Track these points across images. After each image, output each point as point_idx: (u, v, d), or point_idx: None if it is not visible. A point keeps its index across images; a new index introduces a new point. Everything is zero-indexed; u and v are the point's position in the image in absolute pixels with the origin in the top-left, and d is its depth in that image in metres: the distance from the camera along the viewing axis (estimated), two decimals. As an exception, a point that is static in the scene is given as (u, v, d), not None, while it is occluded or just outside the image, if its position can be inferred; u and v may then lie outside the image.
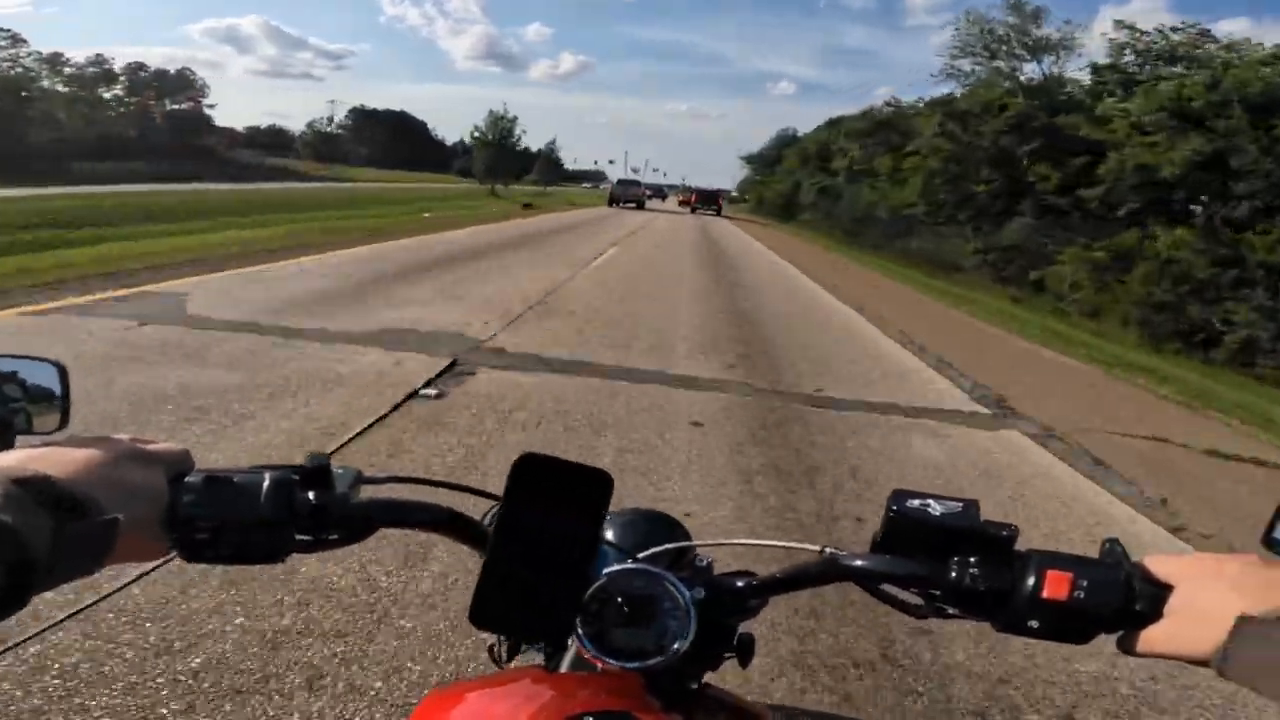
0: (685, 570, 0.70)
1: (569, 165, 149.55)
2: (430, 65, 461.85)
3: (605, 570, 0.65)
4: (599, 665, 0.64)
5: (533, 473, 0.60)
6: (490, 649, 0.80)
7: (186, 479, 0.55)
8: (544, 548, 0.60)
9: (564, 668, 0.71)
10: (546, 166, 56.24)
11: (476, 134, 34.40)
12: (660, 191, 77.38)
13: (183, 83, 57.70)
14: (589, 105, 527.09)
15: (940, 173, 22.66)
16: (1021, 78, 24.21)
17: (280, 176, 43.47)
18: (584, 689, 0.64)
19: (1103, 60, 21.21)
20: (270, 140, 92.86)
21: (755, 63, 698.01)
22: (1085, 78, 22.25)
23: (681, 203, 57.56)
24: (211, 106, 62.19)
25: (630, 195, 41.82)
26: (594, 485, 0.60)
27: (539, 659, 0.77)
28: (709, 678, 0.73)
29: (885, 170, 29.50)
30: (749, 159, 73.72)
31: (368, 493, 0.65)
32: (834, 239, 31.54)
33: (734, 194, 76.05)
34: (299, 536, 0.58)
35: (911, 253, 24.84)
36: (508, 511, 0.60)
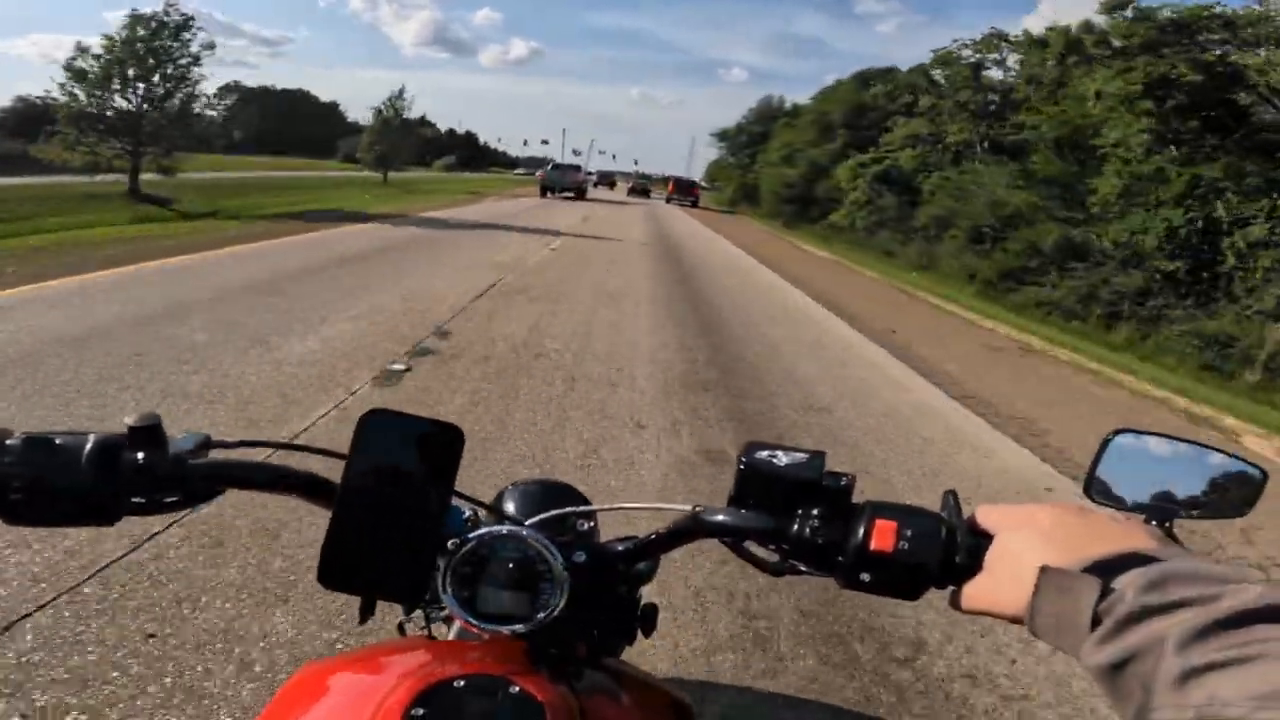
0: (567, 535, 0.67)
1: (513, 151, 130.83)
2: (375, 51, 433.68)
3: (475, 533, 0.61)
4: (484, 635, 0.62)
5: (380, 428, 0.58)
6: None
7: (7, 441, 0.55)
8: (392, 504, 0.58)
9: (451, 637, 0.73)
10: (399, 138, 30.08)
11: (96, 58, 12.80)
12: (608, 178, 61.10)
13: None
14: (539, 91, 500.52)
15: None
16: None
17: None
18: (464, 655, 0.63)
19: None
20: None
21: (707, 50, 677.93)
22: None
23: (631, 190, 49.40)
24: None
25: (568, 182, 32.65)
26: (445, 439, 0.59)
27: (450, 631, 0.76)
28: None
29: (1132, 134, 12.08)
30: (722, 135, 56.18)
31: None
32: (998, 297, 14.40)
33: (702, 183, 58.74)
34: (134, 498, 0.57)
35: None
36: (353, 467, 0.58)
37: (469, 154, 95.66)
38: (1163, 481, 0.65)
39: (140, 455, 0.57)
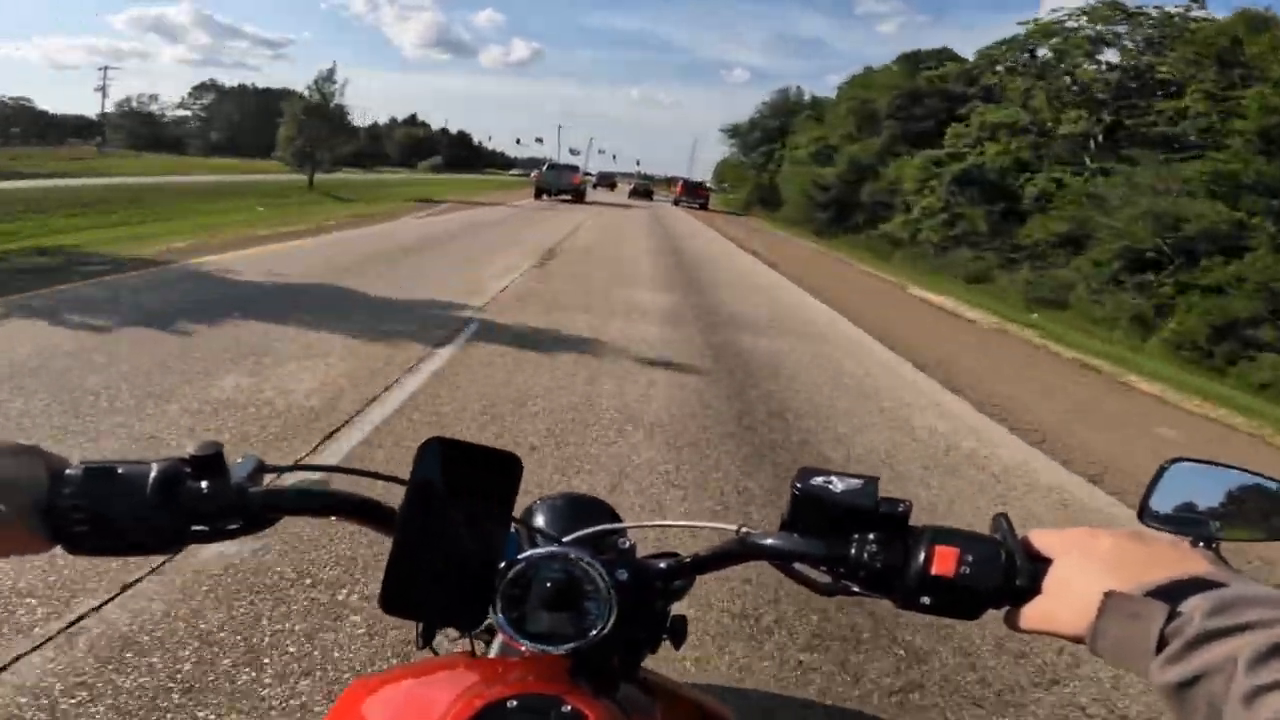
0: (609, 553, 0.67)
1: (510, 151, 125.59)
2: (377, 53, 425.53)
3: (524, 554, 0.62)
4: (527, 652, 0.62)
5: (440, 456, 0.58)
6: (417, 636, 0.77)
7: (67, 471, 0.55)
8: (452, 531, 0.58)
9: (493, 654, 0.74)
10: (328, 130, 22.95)
11: None
12: (608, 179, 57.52)
13: None
14: (540, 92, 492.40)
15: None
16: None
17: None
18: (510, 673, 0.63)
19: None
20: (84, 127, 74.90)
21: (708, 50, 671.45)
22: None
23: (633, 192, 48.53)
24: None
25: (565, 184, 30.30)
26: (503, 467, 0.58)
27: (483, 646, 0.77)
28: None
29: None
30: (733, 131, 51.34)
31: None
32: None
33: (709, 184, 54.29)
34: (196, 527, 0.57)
35: None
36: (413, 495, 0.58)
37: (463, 154, 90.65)
38: (1214, 507, 0.66)
39: (204, 484, 0.56)
